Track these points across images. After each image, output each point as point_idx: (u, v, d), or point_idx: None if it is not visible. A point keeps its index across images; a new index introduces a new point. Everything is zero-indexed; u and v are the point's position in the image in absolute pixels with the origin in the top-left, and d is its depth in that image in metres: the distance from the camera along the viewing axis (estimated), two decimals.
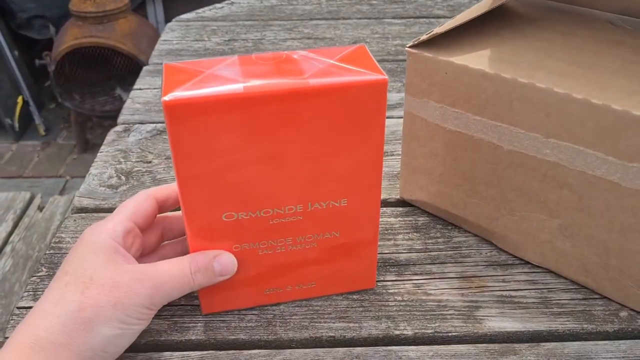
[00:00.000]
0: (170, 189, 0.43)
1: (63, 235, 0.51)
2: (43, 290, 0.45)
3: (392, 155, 0.60)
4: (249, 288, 0.42)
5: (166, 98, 0.33)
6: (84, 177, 0.59)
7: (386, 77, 0.35)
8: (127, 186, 0.57)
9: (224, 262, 0.39)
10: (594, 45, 0.44)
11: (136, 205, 0.41)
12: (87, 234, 0.39)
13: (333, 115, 0.35)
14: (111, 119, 1.95)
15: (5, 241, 1.08)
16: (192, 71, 0.35)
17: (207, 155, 0.35)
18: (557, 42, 0.45)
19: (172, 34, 0.89)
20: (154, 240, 0.43)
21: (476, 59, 0.43)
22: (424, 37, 0.44)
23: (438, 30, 0.44)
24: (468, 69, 0.42)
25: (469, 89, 0.43)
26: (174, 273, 0.37)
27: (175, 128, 0.34)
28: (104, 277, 0.36)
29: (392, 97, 0.71)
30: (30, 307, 0.43)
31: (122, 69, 1.97)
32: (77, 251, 0.38)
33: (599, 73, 0.40)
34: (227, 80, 0.34)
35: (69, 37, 1.86)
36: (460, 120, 0.44)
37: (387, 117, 0.66)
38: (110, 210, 0.54)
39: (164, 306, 0.43)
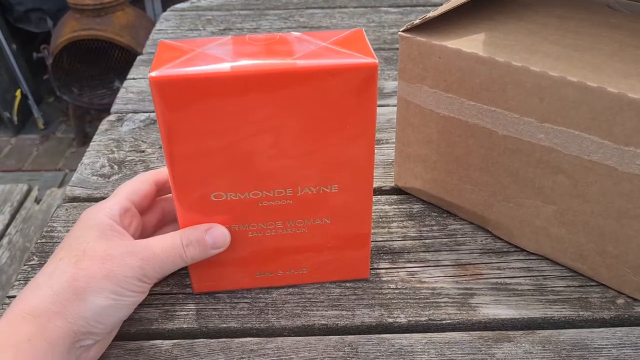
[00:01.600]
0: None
1: (55, 224, 0.51)
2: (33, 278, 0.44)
3: (387, 143, 0.59)
4: (240, 270, 0.42)
5: (153, 74, 0.33)
6: None
7: (376, 61, 0.34)
8: (120, 175, 0.56)
9: (216, 234, 0.39)
10: (590, 29, 0.43)
11: (134, 186, 0.41)
12: (84, 214, 0.39)
13: (321, 98, 0.35)
14: (110, 112, 1.94)
15: (2, 234, 1.07)
16: (184, 49, 0.35)
17: (194, 133, 0.35)
18: (553, 25, 0.44)
19: (167, 24, 0.88)
20: (153, 221, 0.44)
21: (470, 43, 0.42)
22: (416, 21, 0.44)
23: (431, 14, 0.43)
24: (461, 53, 0.41)
25: (462, 73, 0.42)
26: (166, 246, 0.38)
27: (162, 104, 0.34)
28: (96, 250, 0.36)
29: (388, 85, 0.70)
30: None
31: (120, 62, 1.96)
32: (74, 230, 0.39)
33: (595, 56, 0.40)
34: (216, 59, 0.34)
35: (67, 30, 1.85)
36: (454, 106, 0.44)
37: (383, 106, 0.66)
38: (102, 199, 0.53)
39: (155, 294, 0.43)
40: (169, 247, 0.38)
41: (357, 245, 0.42)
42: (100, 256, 0.36)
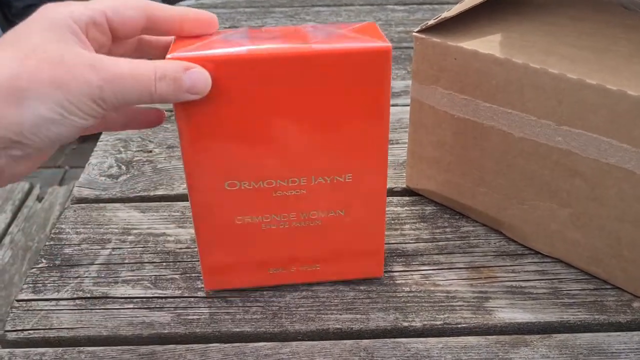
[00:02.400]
0: (170, 16, 0.35)
1: (63, 226, 0.50)
2: (43, 283, 0.44)
3: (397, 143, 0.59)
4: (253, 266, 0.42)
5: (169, 56, 0.33)
6: (83, 167, 0.57)
7: (390, 45, 0.35)
8: (128, 176, 0.56)
9: (196, 76, 0.33)
10: (606, 30, 0.43)
11: (119, 5, 0.34)
12: (44, 9, 0.32)
13: (336, 83, 0.35)
14: None
15: (4, 232, 1.07)
16: (201, 37, 0.36)
17: (209, 117, 0.35)
18: (568, 26, 0.43)
19: None
20: (128, 47, 0.38)
21: (486, 44, 0.41)
22: (431, 21, 0.43)
23: (446, 14, 0.43)
24: (478, 54, 0.41)
25: (478, 75, 0.42)
26: (135, 71, 0.31)
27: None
28: (50, 52, 0.30)
29: (397, 84, 0.70)
30: (29, 300, 0.43)
31: None
32: (27, 22, 0.32)
33: (612, 58, 0.39)
34: (233, 43, 0.34)
35: None
36: (469, 107, 0.43)
37: (392, 105, 0.65)
38: (110, 200, 0.53)
39: (167, 297, 0.43)
40: (139, 74, 0.31)
41: (371, 241, 0.42)
42: (54, 60, 0.29)
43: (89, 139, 0.60)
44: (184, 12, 0.36)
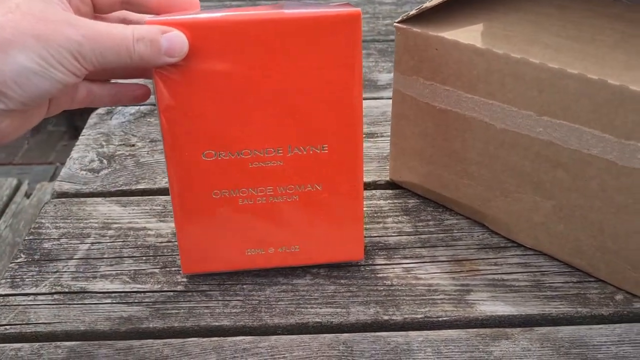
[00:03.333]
0: None
1: (43, 221, 0.49)
2: (21, 277, 0.44)
3: (382, 136, 0.58)
4: (230, 245, 0.41)
5: (148, 18, 0.35)
6: None
7: (359, 9, 0.36)
8: (109, 170, 0.55)
9: (173, 39, 0.34)
10: (591, 20, 0.42)
11: None
12: None
13: (308, 49, 0.36)
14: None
15: None
16: (180, 13, 0.37)
17: (186, 85, 0.36)
18: (554, 15, 0.43)
19: None
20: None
21: (467, 34, 0.41)
22: (413, 12, 0.43)
23: (428, 4, 0.42)
24: (459, 45, 0.40)
25: (459, 65, 0.41)
26: (114, 31, 0.33)
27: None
28: (33, 9, 0.31)
29: (383, 77, 0.69)
30: (7, 295, 0.42)
31: None
32: None
33: (597, 47, 0.39)
34: (210, 12, 0.36)
35: None
36: (450, 99, 0.43)
37: (377, 98, 0.65)
38: (91, 194, 0.52)
39: (146, 292, 0.42)
40: (117, 35, 0.33)
41: (349, 220, 0.42)
42: (36, 16, 0.31)
43: (79, 136, 0.60)
44: None
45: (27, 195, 1.16)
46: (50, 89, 0.32)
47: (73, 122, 2.12)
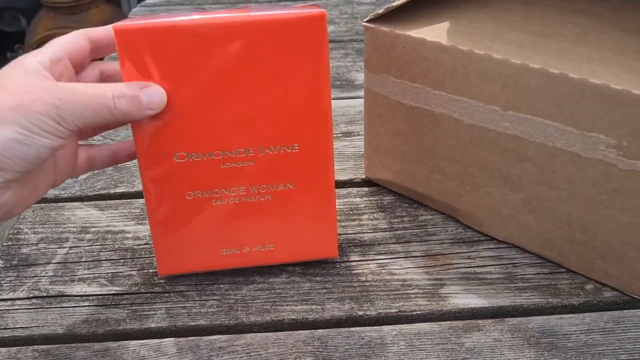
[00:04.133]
0: (105, 30, 0.39)
1: (21, 226, 0.50)
2: None
3: (358, 135, 0.59)
4: (206, 246, 0.42)
5: (116, 24, 0.35)
6: None
7: (324, 11, 0.36)
8: (88, 174, 0.55)
9: (152, 92, 0.36)
10: (555, 14, 0.43)
11: (67, 39, 0.38)
12: (17, 59, 0.36)
13: (275, 50, 0.36)
14: None
15: None
16: (150, 17, 0.37)
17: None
18: (518, 11, 0.44)
19: None
20: (90, 81, 0.40)
21: (433, 32, 0.42)
22: (380, 11, 0.43)
23: (395, 3, 0.43)
24: (425, 42, 0.41)
25: (427, 62, 0.42)
26: (91, 92, 0.34)
27: (125, 56, 0.35)
28: (13, 85, 0.33)
29: (360, 77, 0.70)
30: None
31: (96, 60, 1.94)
32: (5, 69, 0.35)
33: (558, 42, 0.40)
34: (179, 15, 0.36)
35: (41, 29, 1.82)
36: (420, 96, 0.43)
37: (354, 97, 0.66)
38: (69, 199, 0.53)
39: (122, 294, 0.42)
40: (95, 94, 0.34)
41: (322, 217, 0.42)
42: (15, 90, 0.33)
43: None
44: (108, 28, 0.39)
45: None
46: (38, 154, 0.33)
47: None
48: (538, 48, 0.39)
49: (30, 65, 0.35)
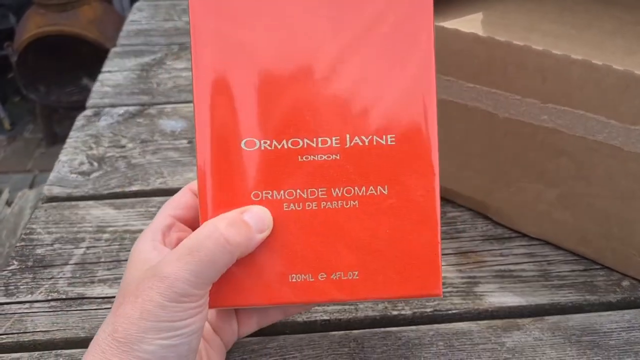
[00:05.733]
0: None
1: (34, 226, 0.48)
2: (15, 285, 0.42)
3: None
4: (270, 269, 0.32)
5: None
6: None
7: None
8: (100, 172, 0.53)
9: (256, 213, 0.31)
10: (586, 6, 0.42)
11: (173, 200, 0.35)
12: (132, 251, 0.33)
13: (371, 15, 0.31)
14: (79, 110, 1.89)
15: None
16: None
17: (228, 51, 0.31)
18: (549, 3, 0.43)
19: (140, 14, 0.85)
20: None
21: (467, 23, 0.41)
22: None
23: None
24: (459, 33, 0.40)
25: (461, 54, 0.41)
26: (200, 238, 0.29)
27: (196, 11, 0.31)
28: (130, 284, 0.30)
29: None
30: (1, 304, 0.41)
31: (89, 58, 1.91)
32: (127, 268, 0.32)
33: (595, 34, 0.39)
34: None
35: (31, 26, 1.79)
36: (452, 89, 0.42)
37: None
38: (83, 198, 0.51)
39: None
40: (206, 237, 0.29)
41: (422, 236, 0.32)
42: (133, 292, 0.29)
43: (57, 142, 0.58)
44: None
45: (8, 203, 1.13)
46: (194, 345, 0.30)
47: (50, 128, 2.08)
48: (576, 40, 0.38)
49: (145, 251, 0.32)
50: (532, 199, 0.43)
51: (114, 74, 0.70)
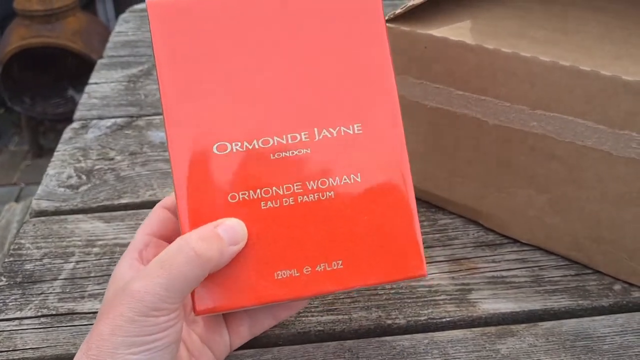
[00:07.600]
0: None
1: (22, 241, 0.47)
2: (3, 302, 0.42)
3: None
4: (254, 268, 0.32)
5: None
6: (40, 183, 0.54)
7: None
8: (89, 185, 0.53)
9: (229, 226, 0.31)
10: (575, 12, 0.42)
11: (148, 219, 0.36)
12: (114, 274, 0.33)
13: (325, 11, 0.33)
14: (64, 121, 1.88)
15: None
16: None
17: (192, 63, 0.32)
18: (537, 9, 0.43)
19: (126, 26, 0.84)
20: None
21: (456, 31, 0.41)
22: (399, 10, 0.42)
23: (414, 2, 0.42)
24: (448, 41, 0.40)
25: (450, 62, 0.41)
26: (168, 254, 0.29)
27: (159, 32, 0.32)
28: (106, 306, 0.30)
29: None
30: None
31: (74, 69, 1.90)
32: (107, 289, 0.33)
33: (583, 39, 0.39)
34: None
35: (16, 38, 1.78)
36: (442, 96, 0.42)
37: None
38: (71, 211, 0.50)
39: None
40: (176, 251, 0.29)
41: (400, 220, 0.33)
42: (106, 310, 0.29)
43: (43, 155, 0.57)
44: None
45: None
46: (172, 354, 0.30)
47: (36, 140, 2.06)
48: (565, 45, 0.38)
49: (122, 273, 0.32)
50: (523, 204, 0.43)
51: (101, 86, 0.69)
